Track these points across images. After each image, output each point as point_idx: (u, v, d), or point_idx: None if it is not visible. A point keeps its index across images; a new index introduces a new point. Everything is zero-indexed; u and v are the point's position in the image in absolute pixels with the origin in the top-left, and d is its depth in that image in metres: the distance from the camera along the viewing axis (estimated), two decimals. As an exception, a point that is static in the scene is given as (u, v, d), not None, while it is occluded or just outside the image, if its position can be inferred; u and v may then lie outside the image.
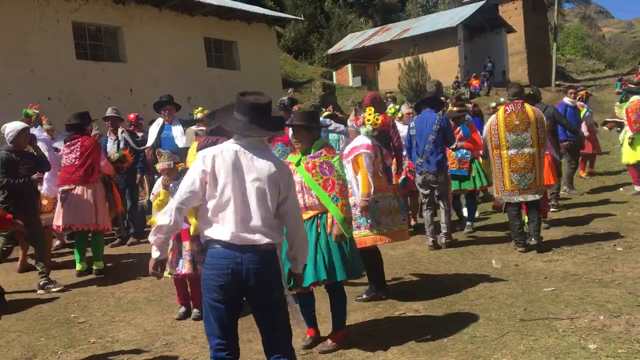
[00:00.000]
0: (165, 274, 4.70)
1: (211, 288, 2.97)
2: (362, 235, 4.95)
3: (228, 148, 3.02)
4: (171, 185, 4.87)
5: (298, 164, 4.08)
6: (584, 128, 10.51)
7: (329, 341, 4.17)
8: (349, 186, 4.81)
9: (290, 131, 6.99)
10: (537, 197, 6.33)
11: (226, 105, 3.34)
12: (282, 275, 3.16)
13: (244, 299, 3.08)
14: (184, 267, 4.81)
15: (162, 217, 3.07)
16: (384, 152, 5.37)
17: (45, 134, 7.33)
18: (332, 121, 8.12)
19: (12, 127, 6.11)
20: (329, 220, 4.05)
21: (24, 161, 6.06)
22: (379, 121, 5.21)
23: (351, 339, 4.27)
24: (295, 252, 3.25)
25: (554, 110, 8.32)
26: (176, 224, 3.04)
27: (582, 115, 10.35)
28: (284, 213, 3.09)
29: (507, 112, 6.29)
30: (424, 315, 4.75)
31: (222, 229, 2.95)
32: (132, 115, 9.20)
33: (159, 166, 4.99)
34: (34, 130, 7.28)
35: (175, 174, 4.92)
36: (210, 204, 2.98)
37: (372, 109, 5.26)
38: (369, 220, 4.97)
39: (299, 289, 3.63)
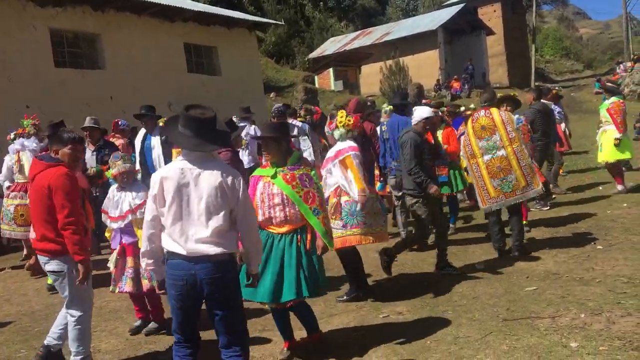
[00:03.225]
0: (111, 288, 4.75)
1: (171, 295, 3.18)
2: (349, 234, 5.02)
3: (175, 167, 3.19)
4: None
5: (274, 176, 4.00)
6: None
7: (284, 349, 4.17)
8: (343, 187, 5.06)
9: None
10: (524, 198, 6.23)
11: (171, 117, 3.46)
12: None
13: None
14: (126, 285, 4.68)
15: (143, 244, 3.29)
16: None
17: (35, 144, 7.13)
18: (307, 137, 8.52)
19: (425, 111, 5.82)
20: (309, 236, 3.99)
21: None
22: (351, 122, 5.22)
23: (334, 341, 4.27)
24: (248, 254, 3.40)
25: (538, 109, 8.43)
26: (157, 248, 3.26)
27: None
28: (235, 219, 3.23)
29: (474, 121, 6.31)
30: (408, 316, 4.77)
31: (174, 243, 3.14)
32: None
33: (114, 171, 4.72)
34: (27, 142, 7.12)
35: (132, 177, 4.82)
36: (164, 221, 3.18)
37: (344, 112, 5.33)
38: (356, 219, 5.02)
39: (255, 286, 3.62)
